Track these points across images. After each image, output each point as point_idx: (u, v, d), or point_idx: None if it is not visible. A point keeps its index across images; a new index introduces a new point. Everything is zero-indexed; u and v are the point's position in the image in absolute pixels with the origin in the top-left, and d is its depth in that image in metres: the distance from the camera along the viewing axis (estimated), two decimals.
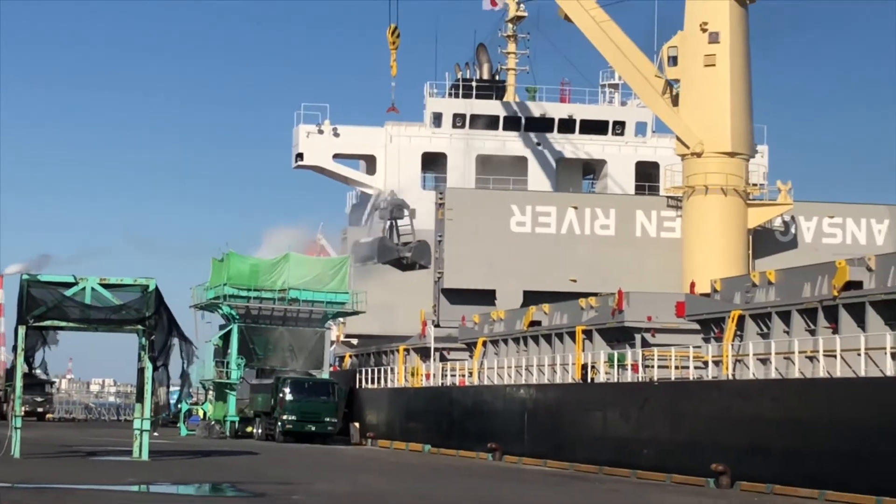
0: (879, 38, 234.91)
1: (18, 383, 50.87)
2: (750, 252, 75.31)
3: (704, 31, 72.79)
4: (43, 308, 49.63)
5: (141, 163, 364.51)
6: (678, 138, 74.38)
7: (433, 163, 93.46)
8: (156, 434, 63.80)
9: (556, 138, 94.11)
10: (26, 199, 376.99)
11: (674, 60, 74.25)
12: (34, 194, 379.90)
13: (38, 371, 53.22)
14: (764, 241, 78.25)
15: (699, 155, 73.13)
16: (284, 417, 75.34)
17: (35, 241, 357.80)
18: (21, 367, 50.52)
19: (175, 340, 52.06)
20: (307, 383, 77.74)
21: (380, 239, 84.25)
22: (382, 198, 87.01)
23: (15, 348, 50.37)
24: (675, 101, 74.41)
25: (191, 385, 64.16)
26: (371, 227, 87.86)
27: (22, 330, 49.66)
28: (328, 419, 75.80)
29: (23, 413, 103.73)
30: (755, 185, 77.34)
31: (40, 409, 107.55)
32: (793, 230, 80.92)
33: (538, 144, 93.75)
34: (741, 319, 49.21)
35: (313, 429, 75.24)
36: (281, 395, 75.44)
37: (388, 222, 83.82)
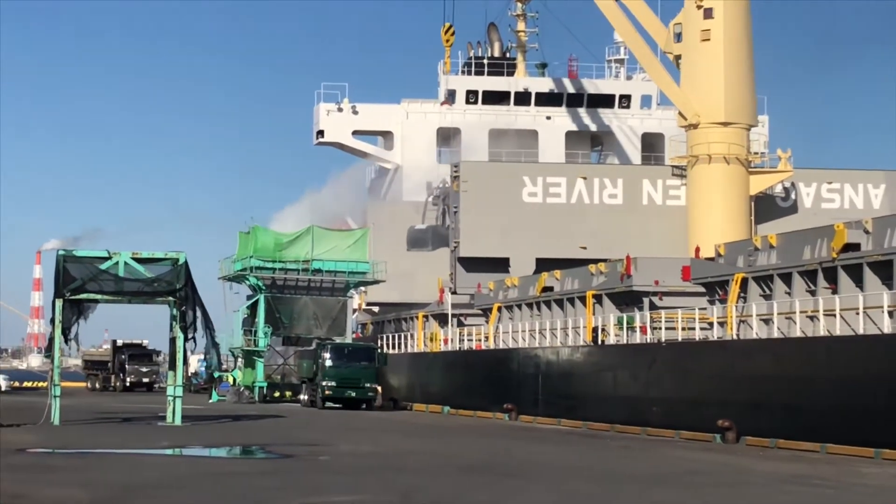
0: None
1: (56, 354, 51.06)
2: (752, 217, 75.33)
3: (700, 7, 72.77)
4: (79, 281, 49.79)
5: (178, 144, 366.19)
6: (679, 111, 74.59)
7: (448, 137, 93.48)
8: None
9: (564, 112, 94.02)
10: (67, 177, 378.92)
11: (678, 37, 74.26)
12: (71, 172, 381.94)
13: (72, 341, 53.09)
14: (765, 207, 78.22)
15: (695, 126, 73.23)
16: (324, 383, 71.83)
17: (79, 217, 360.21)
18: (59, 339, 50.66)
19: (202, 311, 52.19)
20: (347, 349, 74.74)
21: (434, 227, 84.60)
22: (436, 185, 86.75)
23: (52, 320, 50.53)
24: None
25: (219, 354, 63.59)
26: (425, 214, 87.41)
27: (59, 303, 49.85)
28: (368, 385, 71.66)
29: (129, 384, 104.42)
30: (756, 153, 77.27)
31: (146, 380, 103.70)
32: (793, 196, 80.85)
33: (548, 118, 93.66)
34: (744, 282, 49.22)
35: (353, 395, 71.64)
36: (321, 360, 72.31)
37: (442, 208, 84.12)
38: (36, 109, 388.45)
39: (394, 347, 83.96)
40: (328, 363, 72.16)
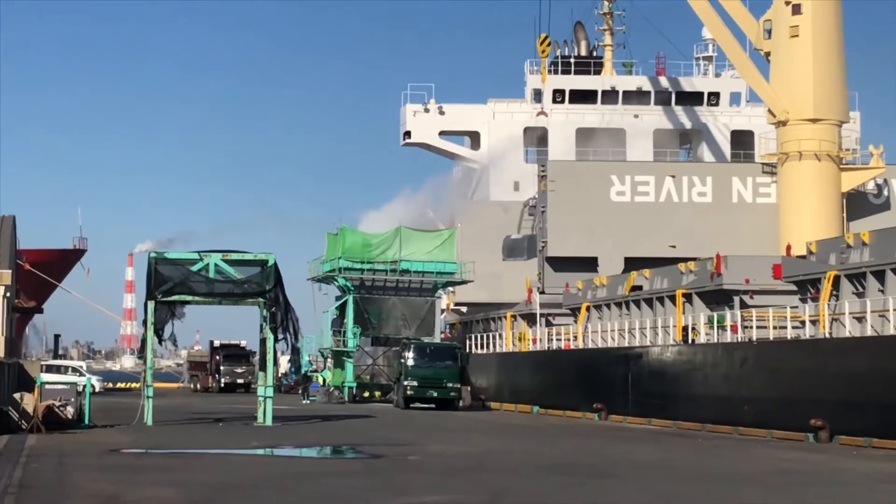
0: None
1: (149, 355, 51.56)
2: (844, 214, 74.49)
3: (788, 3, 72.14)
4: (170, 283, 50.22)
5: (268, 146, 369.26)
6: (768, 108, 74.06)
7: (535, 137, 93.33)
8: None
9: (652, 110, 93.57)
10: (163, 180, 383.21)
11: (768, 33, 73.75)
12: (168, 176, 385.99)
13: (167, 342, 53.53)
14: (857, 204, 77.33)
15: (784, 123, 72.63)
16: (405, 383, 71.07)
17: (172, 220, 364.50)
18: (151, 340, 51.14)
19: (290, 313, 52.42)
20: (429, 348, 73.85)
21: (529, 236, 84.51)
22: (531, 196, 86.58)
23: (145, 322, 51.00)
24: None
25: (300, 359, 63.41)
26: (521, 224, 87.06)
27: (151, 305, 50.32)
28: (450, 384, 70.59)
29: (223, 384, 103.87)
30: (848, 150, 76.40)
31: (240, 381, 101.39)
32: (885, 192, 79.81)
33: (636, 116, 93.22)
34: (836, 279, 48.65)
35: (435, 394, 70.58)
36: (403, 360, 71.71)
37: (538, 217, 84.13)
38: (127, 112, 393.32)
39: (482, 347, 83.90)
40: (410, 363, 71.55)
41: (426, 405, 71.19)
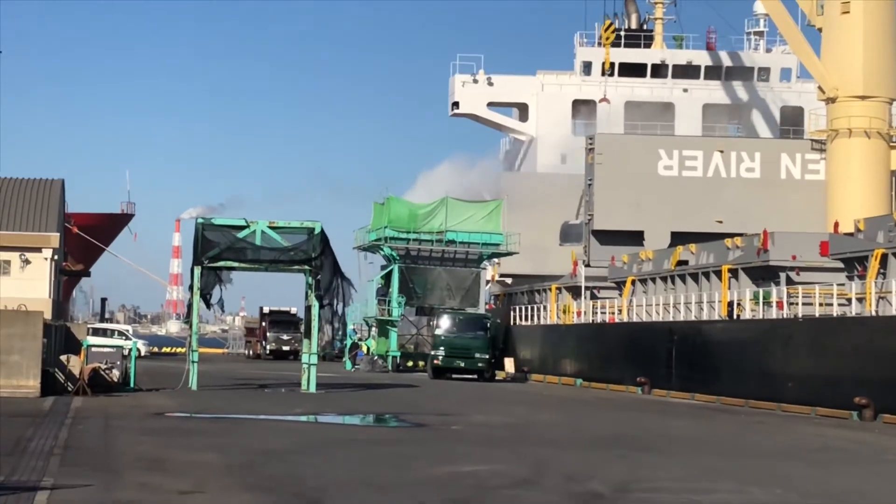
0: None
1: (195, 320, 51.93)
2: (893, 193, 73.97)
3: None
4: (217, 249, 50.52)
5: (320, 111, 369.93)
6: (818, 84, 73.57)
7: (584, 109, 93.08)
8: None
9: (702, 84, 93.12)
10: (216, 144, 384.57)
11: (822, 9, 73.27)
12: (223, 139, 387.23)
13: (214, 307, 53.86)
14: None
15: (833, 100, 72.22)
16: (433, 353, 71.72)
17: (221, 186, 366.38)
18: (197, 305, 51.46)
19: (338, 281, 52.60)
20: (458, 317, 73.86)
21: (586, 223, 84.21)
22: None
23: (191, 287, 51.29)
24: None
25: (345, 325, 63.47)
26: (580, 209, 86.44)
27: (197, 270, 50.59)
28: (479, 355, 70.54)
29: (268, 351, 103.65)
30: None
31: (286, 348, 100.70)
32: None
33: (685, 90, 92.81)
34: (884, 258, 48.34)
35: (462, 364, 70.41)
36: (433, 330, 72.09)
37: None
38: (184, 79, 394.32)
39: (526, 319, 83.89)
40: (438, 332, 71.90)
41: (459, 375, 70.87)
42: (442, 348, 71.16)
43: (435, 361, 71.41)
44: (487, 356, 71.26)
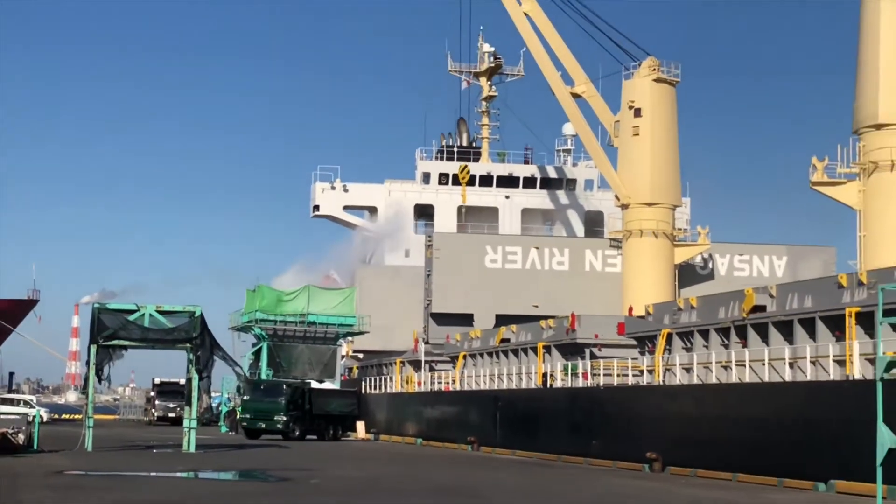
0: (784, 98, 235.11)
1: (91, 390, 50.86)
2: (676, 283, 75.74)
3: (631, 107, 73.66)
4: (111, 330, 49.66)
5: (210, 208, 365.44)
6: (615, 193, 75.32)
7: (423, 212, 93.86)
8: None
9: (521, 192, 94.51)
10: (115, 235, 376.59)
11: (618, 130, 75.09)
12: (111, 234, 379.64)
13: (105, 380, 52.84)
14: (687, 274, 78.76)
15: (627, 206, 73.99)
16: (240, 416, 70.91)
17: (118, 274, 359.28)
18: (93, 378, 50.43)
19: (216, 358, 51.94)
20: (262, 385, 71.80)
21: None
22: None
23: (88, 363, 50.32)
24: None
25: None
26: None
27: (94, 348, 49.66)
28: (277, 417, 68.24)
29: (157, 417, 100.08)
30: (680, 229, 77.79)
31: (171, 415, 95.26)
32: (710, 265, 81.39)
33: (507, 197, 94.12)
34: (669, 336, 49.31)
35: (263, 426, 68.33)
36: (241, 395, 70.95)
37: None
38: (83, 172, 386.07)
39: (376, 388, 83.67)
40: (245, 397, 70.64)
41: (268, 435, 68.58)
42: (248, 413, 69.49)
43: (242, 424, 70.10)
44: (286, 418, 68.88)
